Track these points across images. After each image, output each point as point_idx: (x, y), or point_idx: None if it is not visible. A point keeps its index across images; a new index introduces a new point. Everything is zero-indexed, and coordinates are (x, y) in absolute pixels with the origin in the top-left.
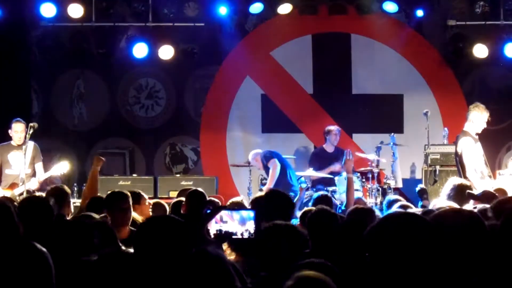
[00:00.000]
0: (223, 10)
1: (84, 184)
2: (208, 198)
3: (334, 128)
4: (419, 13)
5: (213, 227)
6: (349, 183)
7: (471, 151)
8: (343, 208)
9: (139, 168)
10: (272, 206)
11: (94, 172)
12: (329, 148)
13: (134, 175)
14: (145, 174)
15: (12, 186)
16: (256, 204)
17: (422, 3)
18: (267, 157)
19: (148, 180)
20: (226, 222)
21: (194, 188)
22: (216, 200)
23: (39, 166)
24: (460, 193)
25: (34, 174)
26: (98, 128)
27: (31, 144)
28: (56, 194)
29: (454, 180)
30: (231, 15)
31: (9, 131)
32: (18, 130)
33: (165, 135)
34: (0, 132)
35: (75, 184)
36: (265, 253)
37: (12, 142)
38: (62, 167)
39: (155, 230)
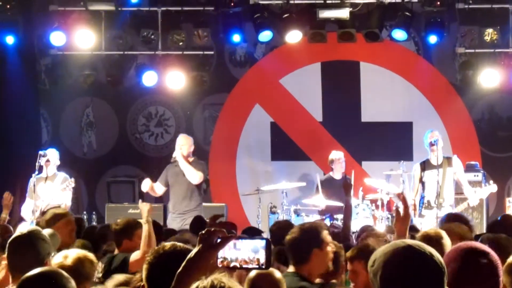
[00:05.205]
0: (236, 38)
1: (94, 213)
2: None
3: (336, 156)
4: (428, 41)
5: (225, 255)
6: (347, 207)
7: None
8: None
9: (149, 196)
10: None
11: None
12: (336, 175)
13: None
14: (155, 202)
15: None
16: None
17: (431, 31)
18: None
19: (158, 208)
20: (239, 249)
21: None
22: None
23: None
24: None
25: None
26: (107, 156)
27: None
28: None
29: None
30: (240, 43)
31: (43, 160)
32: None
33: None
34: (11, 161)
35: (84, 212)
36: None
37: (43, 174)
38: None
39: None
